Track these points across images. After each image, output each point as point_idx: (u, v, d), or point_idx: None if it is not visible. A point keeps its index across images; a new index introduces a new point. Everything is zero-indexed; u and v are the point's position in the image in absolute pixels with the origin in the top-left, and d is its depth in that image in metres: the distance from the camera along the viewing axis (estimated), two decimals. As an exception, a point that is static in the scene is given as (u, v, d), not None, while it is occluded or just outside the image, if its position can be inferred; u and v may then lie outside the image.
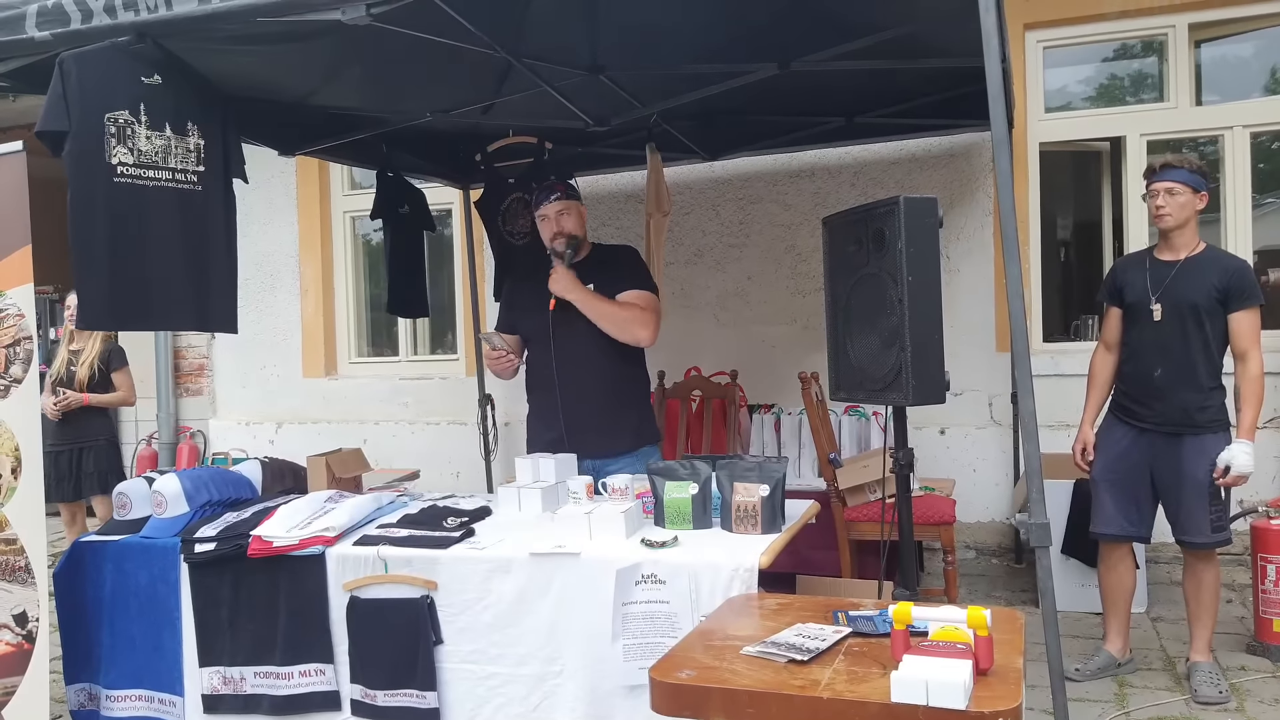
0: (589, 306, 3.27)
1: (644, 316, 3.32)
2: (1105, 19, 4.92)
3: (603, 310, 3.28)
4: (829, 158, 5.32)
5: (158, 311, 2.92)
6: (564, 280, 3.29)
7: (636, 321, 3.30)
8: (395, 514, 2.98)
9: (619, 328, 3.28)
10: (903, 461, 2.75)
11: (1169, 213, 3.32)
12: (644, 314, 3.32)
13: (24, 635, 2.88)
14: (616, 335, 3.29)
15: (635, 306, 3.33)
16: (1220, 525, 3.32)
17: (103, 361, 5.04)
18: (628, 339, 3.30)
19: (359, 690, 2.71)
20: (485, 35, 3.04)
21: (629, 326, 3.29)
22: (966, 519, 5.04)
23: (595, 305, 3.28)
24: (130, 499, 3.07)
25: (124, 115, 2.71)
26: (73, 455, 4.98)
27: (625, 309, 3.31)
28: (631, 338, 3.31)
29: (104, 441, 5.11)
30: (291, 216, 6.57)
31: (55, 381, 4.95)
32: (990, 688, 1.59)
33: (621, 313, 3.30)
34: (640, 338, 3.32)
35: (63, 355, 5.03)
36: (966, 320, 5.02)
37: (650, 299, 3.38)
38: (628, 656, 2.40)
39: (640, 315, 3.31)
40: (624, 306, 3.31)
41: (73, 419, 4.96)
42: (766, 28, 3.26)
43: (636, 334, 3.30)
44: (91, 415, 5.06)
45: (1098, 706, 3.31)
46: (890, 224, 2.53)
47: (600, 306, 3.28)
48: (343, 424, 6.38)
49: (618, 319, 3.28)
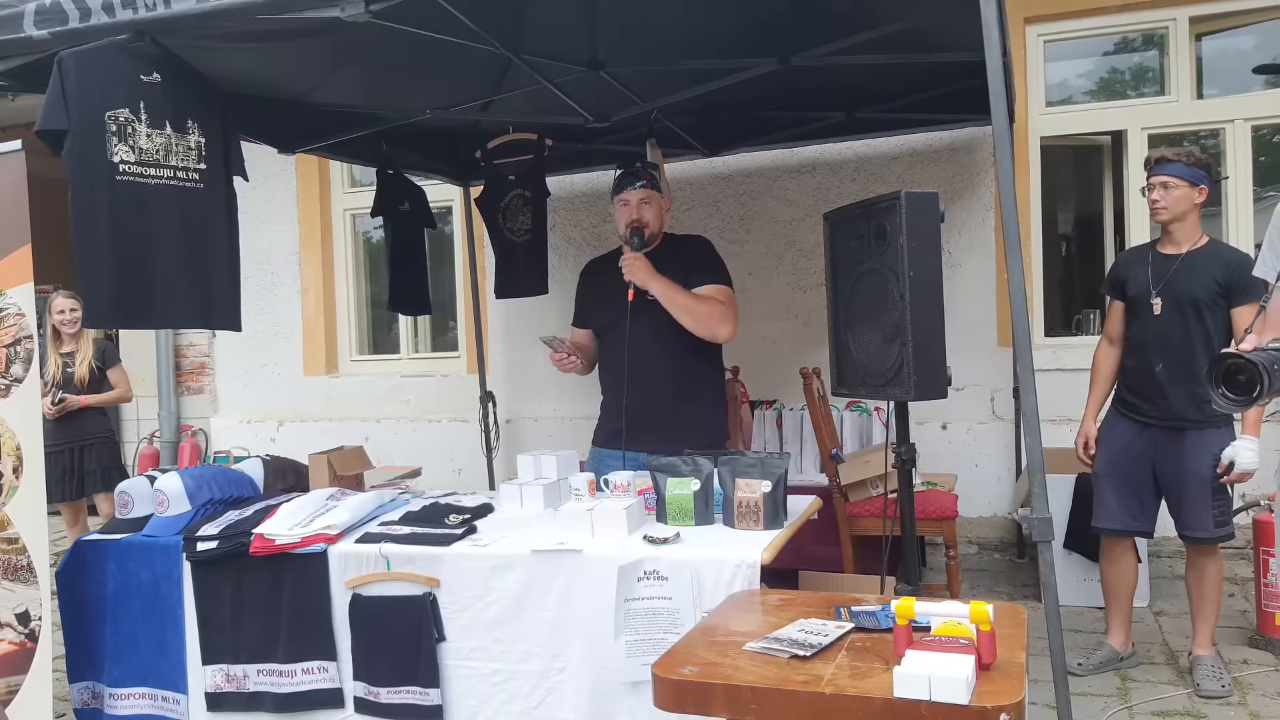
0: (669, 298, 3.14)
1: (724, 311, 3.21)
2: (1106, 12, 4.91)
3: (682, 303, 3.15)
4: (830, 153, 5.32)
5: (162, 310, 2.92)
6: (641, 267, 3.14)
7: (716, 317, 3.18)
8: (397, 511, 2.98)
9: (699, 322, 3.16)
10: (905, 457, 2.75)
11: (1164, 206, 3.32)
12: (724, 309, 3.21)
13: (26, 634, 2.89)
14: (695, 330, 3.16)
15: (715, 301, 3.21)
16: (1223, 520, 3.32)
17: (98, 360, 5.05)
18: (706, 334, 3.19)
19: (362, 687, 2.71)
20: (485, 32, 3.04)
21: (708, 321, 3.17)
22: (968, 514, 5.03)
23: (675, 297, 3.14)
24: (132, 497, 3.07)
25: (124, 113, 2.71)
26: (73, 453, 5.00)
27: (705, 303, 3.18)
28: (710, 333, 3.19)
29: (103, 438, 5.13)
30: (292, 214, 6.57)
31: (52, 385, 4.95)
32: (993, 682, 1.59)
33: (701, 307, 3.17)
34: (720, 334, 3.21)
35: (54, 359, 5.02)
36: (968, 315, 5.02)
37: (729, 294, 3.27)
38: (630, 653, 2.40)
39: (721, 310, 3.20)
40: (703, 300, 3.19)
41: (70, 417, 4.98)
42: (767, 23, 3.25)
43: (716, 330, 3.19)
44: (89, 413, 5.09)
45: (1100, 701, 3.31)
46: (891, 219, 2.53)
47: (680, 299, 3.15)
48: (344, 422, 6.38)
49: (697, 313, 3.16)
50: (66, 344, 5.09)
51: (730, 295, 3.29)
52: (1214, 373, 1.80)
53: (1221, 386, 1.79)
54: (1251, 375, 1.74)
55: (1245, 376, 1.76)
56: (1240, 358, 1.76)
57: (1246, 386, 1.75)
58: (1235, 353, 1.78)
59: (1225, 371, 1.79)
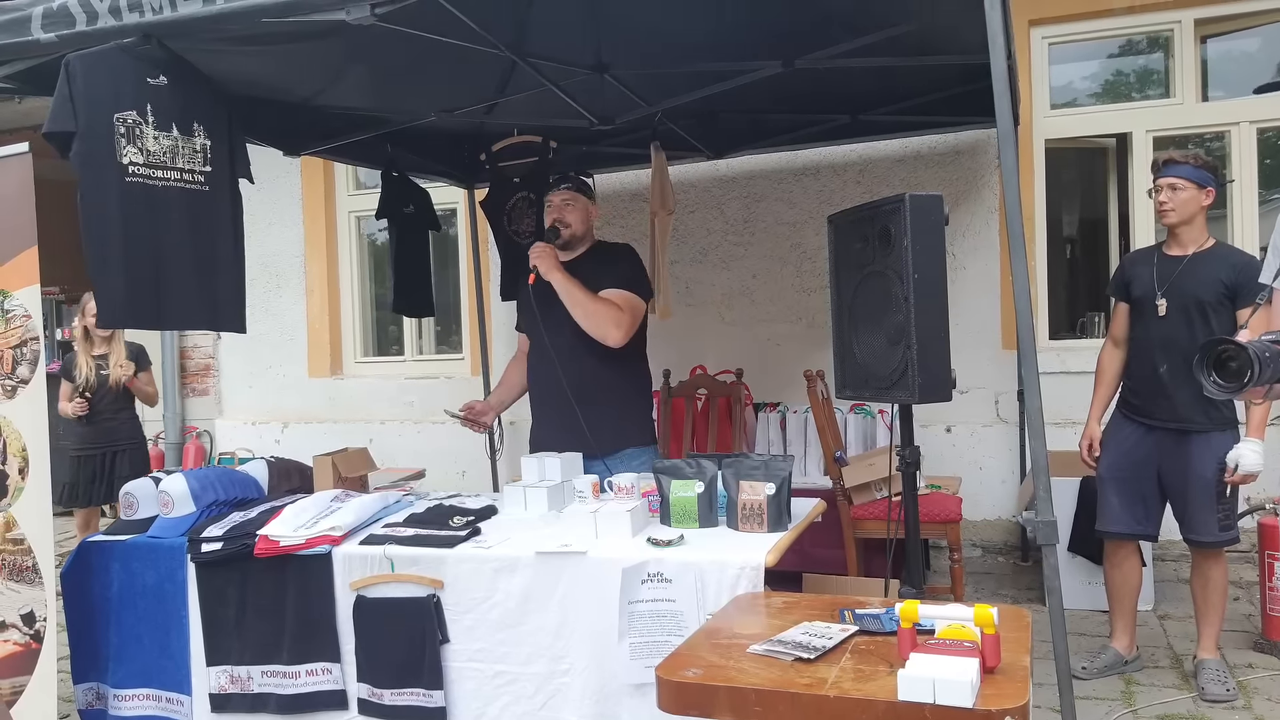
0: (566, 291, 3.18)
1: (616, 315, 3.21)
2: (1111, 15, 4.90)
3: (576, 298, 3.18)
4: (834, 155, 5.32)
5: (169, 311, 2.93)
6: (545, 256, 3.20)
7: (607, 318, 3.20)
8: (401, 513, 2.98)
9: (589, 319, 3.19)
10: (909, 459, 2.75)
11: (1172, 208, 3.32)
12: (617, 314, 3.21)
13: (31, 635, 2.89)
14: (586, 328, 3.19)
15: (611, 304, 3.23)
16: (1228, 524, 3.31)
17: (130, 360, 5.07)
18: (596, 334, 3.20)
19: (366, 689, 2.71)
20: (489, 34, 3.04)
21: (598, 321, 3.19)
22: (973, 517, 5.03)
23: (571, 292, 3.18)
24: (137, 499, 3.07)
25: (132, 115, 2.72)
26: (104, 458, 5.00)
27: (598, 303, 3.21)
28: (599, 334, 3.20)
29: (135, 444, 5.15)
30: (297, 217, 6.59)
31: (84, 388, 4.95)
32: (997, 686, 1.59)
33: (593, 305, 3.19)
34: (608, 336, 3.20)
35: (85, 362, 5.01)
36: (972, 318, 5.01)
37: (629, 300, 3.27)
38: (634, 655, 2.40)
39: (612, 313, 3.21)
40: (598, 300, 3.21)
41: (103, 421, 4.99)
42: (771, 26, 3.26)
43: (605, 331, 3.20)
44: (122, 418, 5.10)
45: (1105, 704, 3.31)
46: (896, 222, 2.52)
47: (575, 294, 3.18)
48: (348, 423, 6.39)
49: (588, 310, 3.18)
50: (98, 346, 5.07)
51: (632, 303, 3.28)
52: (1205, 359, 1.78)
53: (1213, 373, 1.78)
54: (1242, 362, 1.72)
55: (1236, 364, 1.74)
56: (1231, 343, 1.75)
57: (1237, 374, 1.74)
58: (1226, 339, 1.76)
59: (1216, 358, 1.77)
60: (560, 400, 3.22)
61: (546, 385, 3.32)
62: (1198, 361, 1.79)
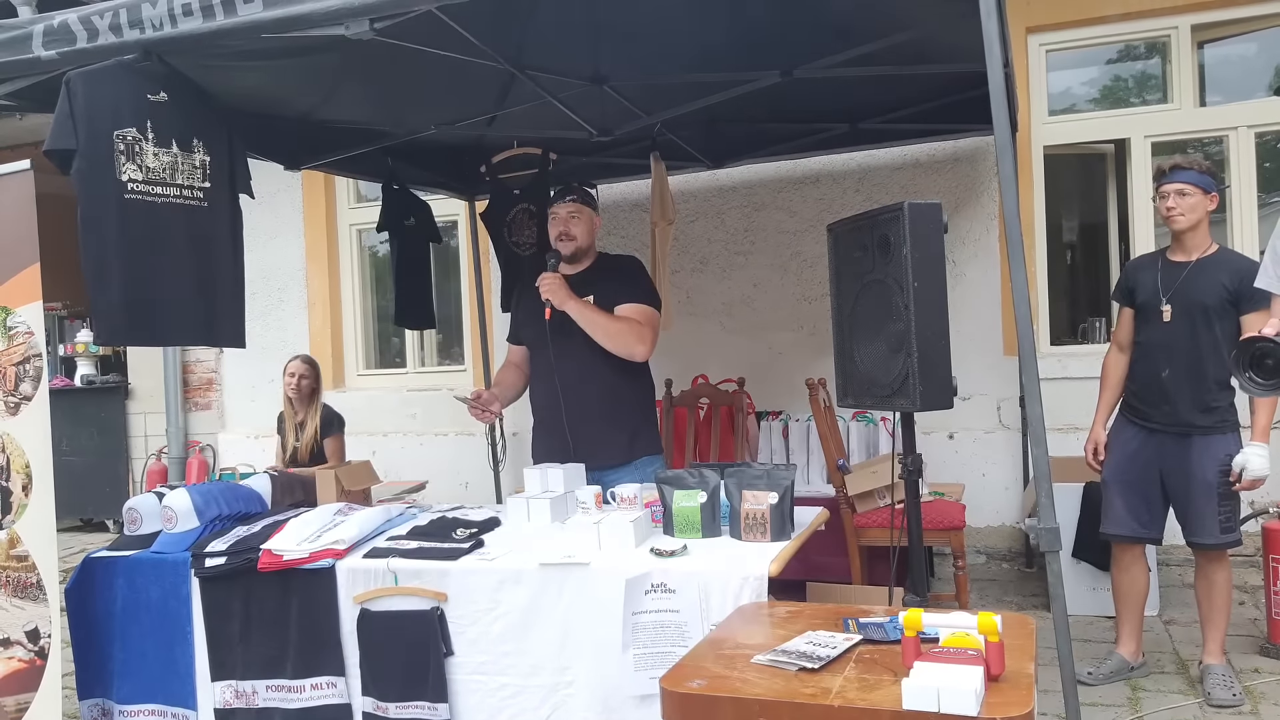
0: (583, 317, 3.21)
1: (639, 331, 3.25)
2: (1107, 21, 4.92)
3: (597, 322, 3.22)
4: (833, 164, 5.33)
5: (167, 328, 2.93)
6: (555, 288, 3.21)
7: (631, 335, 3.24)
8: (404, 526, 2.98)
9: (613, 341, 3.22)
10: (911, 467, 2.75)
11: (1181, 214, 3.32)
12: (640, 329, 3.26)
13: (36, 651, 2.89)
14: (610, 349, 3.22)
15: (632, 320, 3.26)
16: (1229, 526, 3.31)
17: (323, 431, 5.04)
18: (622, 353, 3.24)
19: (370, 703, 2.70)
20: (488, 48, 3.06)
21: (623, 340, 3.23)
22: (976, 524, 5.02)
23: (590, 316, 3.22)
24: (140, 514, 3.07)
25: (132, 132, 2.73)
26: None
27: (620, 322, 3.24)
28: (626, 352, 3.24)
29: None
30: (298, 230, 6.60)
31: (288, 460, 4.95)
32: (1002, 693, 1.59)
33: (615, 325, 3.23)
34: (635, 353, 3.25)
35: (291, 428, 5.04)
36: (973, 325, 5.02)
37: (648, 313, 3.32)
38: (638, 666, 2.40)
39: (635, 330, 3.25)
40: (619, 320, 3.25)
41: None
42: (769, 36, 3.27)
43: (631, 349, 3.24)
44: None
45: (1111, 711, 3.30)
46: (895, 230, 2.53)
47: (595, 318, 3.22)
48: (351, 436, 6.36)
49: (611, 332, 3.22)
50: (299, 410, 5.08)
51: (649, 315, 3.32)
52: (1243, 356, 1.78)
53: (1249, 370, 1.78)
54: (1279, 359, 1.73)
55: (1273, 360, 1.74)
56: (1270, 341, 1.74)
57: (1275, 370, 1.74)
58: (1264, 337, 1.76)
59: (1253, 355, 1.77)
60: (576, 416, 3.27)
61: (556, 409, 3.31)
62: (1234, 359, 1.79)
